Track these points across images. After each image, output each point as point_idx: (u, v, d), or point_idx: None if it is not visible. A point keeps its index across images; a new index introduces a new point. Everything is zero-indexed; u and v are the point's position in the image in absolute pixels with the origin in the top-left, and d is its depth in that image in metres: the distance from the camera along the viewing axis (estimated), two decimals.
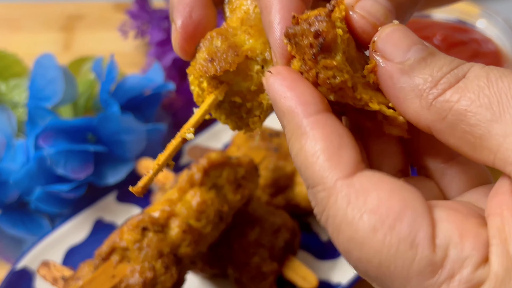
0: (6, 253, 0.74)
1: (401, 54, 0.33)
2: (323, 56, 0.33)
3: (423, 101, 0.32)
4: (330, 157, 0.31)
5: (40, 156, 0.70)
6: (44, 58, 0.77)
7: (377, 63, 0.33)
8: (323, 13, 0.33)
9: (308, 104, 0.33)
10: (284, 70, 0.35)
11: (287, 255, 0.66)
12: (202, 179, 0.59)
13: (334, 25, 0.32)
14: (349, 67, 0.34)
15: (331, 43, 0.32)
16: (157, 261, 0.55)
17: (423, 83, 0.32)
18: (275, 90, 0.34)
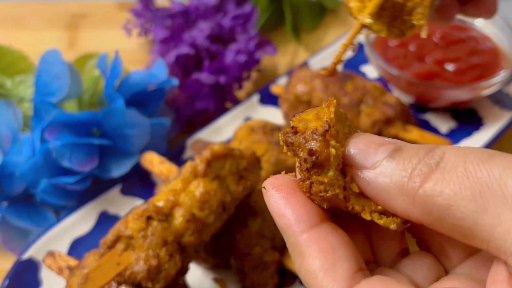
0: (12, 244, 0.75)
1: (370, 159, 0.34)
2: (316, 172, 0.34)
3: (406, 197, 0.32)
4: (326, 274, 0.33)
5: (45, 149, 0.72)
6: (49, 54, 0.79)
7: (353, 176, 0.35)
8: (320, 129, 0.34)
9: (302, 221, 0.34)
10: (279, 181, 0.36)
11: None
12: (205, 170, 0.61)
13: (328, 145, 0.34)
14: (342, 180, 0.35)
15: (323, 161, 0.34)
16: (161, 249, 0.56)
17: (399, 179, 0.32)
18: (271, 208, 0.35)
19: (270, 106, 0.90)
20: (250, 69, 0.93)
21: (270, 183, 0.36)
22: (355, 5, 0.45)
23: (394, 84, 0.85)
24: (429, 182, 0.31)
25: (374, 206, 0.35)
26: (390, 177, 0.33)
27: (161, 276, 0.56)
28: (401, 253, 0.39)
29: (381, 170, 0.33)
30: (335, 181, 0.35)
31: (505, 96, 0.90)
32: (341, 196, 0.35)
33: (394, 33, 0.45)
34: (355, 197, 0.36)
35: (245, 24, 0.98)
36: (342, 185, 0.35)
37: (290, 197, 0.35)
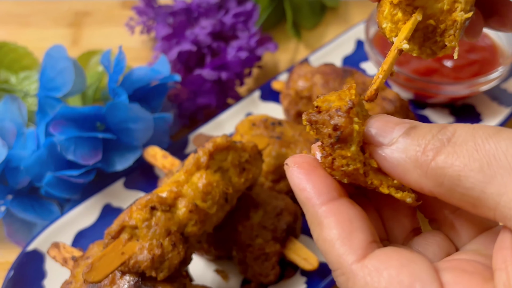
0: (17, 237, 0.76)
1: (387, 137, 0.37)
2: (339, 147, 0.37)
3: (419, 170, 0.34)
4: (343, 243, 0.35)
5: (50, 143, 0.73)
6: (54, 50, 0.80)
7: (371, 152, 0.37)
8: (344, 107, 0.37)
9: (321, 194, 0.37)
10: (300, 159, 0.39)
11: (289, 237, 0.68)
12: (208, 162, 0.62)
13: (351, 121, 0.37)
14: (362, 156, 0.38)
15: (347, 136, 0.37)
16: (164, 239, 0.57)
17: (414, 153, 0.35)
18: (293, 183, 0.38)
19: (271, 102, 0.91)
20: (251, 65, 0.94)
21: (292, 160, 0.38)
22: (388, 26, 0.46)
23: (393, 80, 0.86)
24: (441, 155, 0.33)
25: (391, 181, 0.38)
26: (405, 152, 0.35)
27: (165, 265, 0.57)
28: (413, 232, 0.41)
29: (397, 146, 0.36)
30: (356, 156, 0.37)
31: (503, 92, 0.91)
32: (361, 170, 0.37)
33: (426, 53, 0.46)
34: (373, 173, 0.38)
35: (246, 22, 0.99)
36: (362, 160, 0.37)
37: (311, 173, 0.38)
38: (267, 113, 0.82)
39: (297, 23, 1.10)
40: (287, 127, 0.77)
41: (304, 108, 0.84)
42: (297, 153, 0.74)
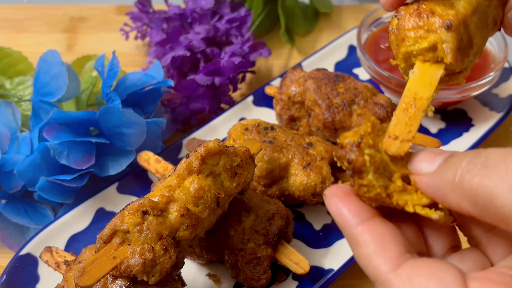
0: (10, 241, 0.76)
1: (429, 166, 0.42)
2: (357, 177, 0.42)
3: (457, 192, 0.38)
4: (378, 256, 0.40)
5: (44, 147, 0.73)
6: (48, 55, 0.80)
7: (416, 181, 0.42)
8: (355, 142, 0.42)
9: (355, 216, 0.42)
10: (336, 189, 0.44)
11: (281, 241, 0.68)
12: (199, 166, 0.62)
13: (362, 153, 0.42)
14: (382, 181, 0.42)
15: (360, 167, 0.42)
16: (156, 243, 0.58)
17: (452, 178, 0.39)
18: (331, 210, 0.43)
19: (264, 107, 0.92)
20: (244, 71, 0.95)
21: (329, 191, 0.44)
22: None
23: (385, 86, 0.87)
24: (475, 178, 0.37)
25: (417, 200, 0.42)
26: (444, 177, 0.40)
27: (156, 269, 0.58)
28: (452, 248, 0.45)
29: (438, 173, 0.40)
30: (375, 183, 0.42)
31: (494, 97, 0.92)
32: (384, 194, 0.42)
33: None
34: (398, 194, 0.42)
35: (240, 27, 1.00)
36: (383, 185, 0.42)
37: (345, 199, 0.43)
38: (260, 118, 0.83)
39: (290, 29, 1.11)
40: (280, 132, 0.78)
41: (296, 113, 0.84)
42: (289, 157, 0.74)
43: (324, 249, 0.73)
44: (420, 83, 0.51)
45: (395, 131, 0.48)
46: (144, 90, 0.83)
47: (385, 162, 0.43)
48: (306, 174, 0.72)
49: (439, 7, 0.51)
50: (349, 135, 0.43)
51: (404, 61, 0.54)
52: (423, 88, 0.50)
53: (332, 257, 0.72)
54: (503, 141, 0.91)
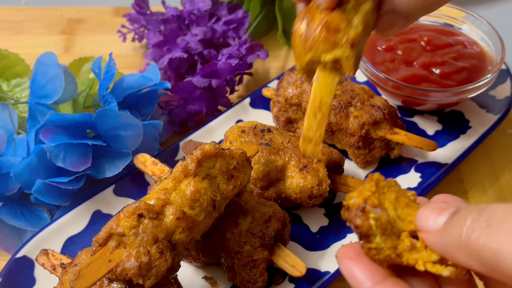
0: (6, 244, 0.76)
1: (434, 223, 0.41)
2: (364, 241, 0.43)
3: (464, 251, 0.38)
4: None
5: (40, 149, 0.73)
6: (45, 57, 0.80)
7: (423, 237, 0.42)
8: (361, 204, 0.43)
9: (369, 279, 0.42)
10: (347, 250, 0.44)
11: (278, 244, 0.68)
12: (196, 169, 0.62)
13: (368, 217, 0.42)
14: (391, 242, 0.42)
15: (367, 232, 0.42)
16: (152, 246, 0.58)
17: (457, 237, 0.39)
18: (344, 272, 0.44)
19: (261, 109, 0.92)
20: (242, 73, 0.95)
21: (340, 252, 0.44)
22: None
23: (382, 88, 0.87)
24: (480, 238, 0.37)
25: (427, 257, 0.42)
26: (450, 236, 0.39)
27: (152, 272, 0.58)
28: None
29: (443, 230, 0.40)
30: (383, 245, 0.42)
31: (491, 99, 0.92)
32: (393, 255, 0.42)
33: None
34: (408, 253, 0.43)
35: (237, 29, 1.00)
36: (392, 246, 0.42)
37: (357, 262, 0.43)
38: (257, 120, 0.83)
39: (287, 31, 1.11)
40: (276, 134, 0.78)
41: (293, 115, 0.84)
42: (286, 160, 0.74)
43: (321, 251, 0.73)
44: (323, 89, 0.59)
45: (309, 135, 0.58)
46: (141, 92, 0.83)
47: (392, 220, 0.43)
48: (303, 176, 0.72)
49: (343, 24, 0.57)
50: (354, 195, 0.43)
51: (306, 64, 0.59)
52: (326, 94, 0.58)
53: (329, 260, 0.72)
54: (500, 143, 0.91)
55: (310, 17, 0.58)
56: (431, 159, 0.83)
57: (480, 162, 0.88)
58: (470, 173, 0.87)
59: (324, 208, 0.79)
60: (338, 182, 0.76)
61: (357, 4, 0.58)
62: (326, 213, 0.78)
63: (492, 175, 0.86)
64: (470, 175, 0.87)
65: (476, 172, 0.87)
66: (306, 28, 0.58)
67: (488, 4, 1.21)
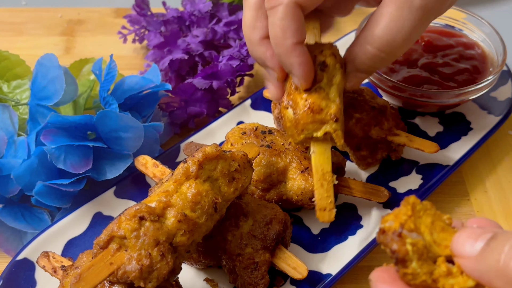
0: (7, 246, 0.76)
1: (471, 249, 0.41)
2: (400, 266, 0.42)
3: (502, 280, 0.38)
4: None
5: (40, 151, 0.73)
6: (45, 58, 0.80)
7: (460, 263, 0.42)
8: (396, 231, 0.42)
9: None
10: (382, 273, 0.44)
11: (279, 246, 0.68)
12: (197, 171, 0.62)
13: (404, 242, 0.42)
14: (427, 267, 0.42)
15: (404, 257, 0.42)
16: (153, 249, 0.58)
17: (495, 264, 0.38)
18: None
19: (262, 110, 0.92)
20: (242, 74, 0.94)
21: (375, 276, 0.44)
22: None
23: (383, 89, 0.87)
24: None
25: (463, 283, 0.42)
26: (488, 263, 0.39)
27: (153, 275, 0.57)
28: None
29: (480, 258, 0.40)
30: (419, 270, 0.42)
31: (492, 100, 0.92)
32: (429, 280, 0.42)
33: None
34: (444, 278, 0.42)
35: (238, 30, 1.00)
36: (428, 271, 0.42)
37: (392, 285, 0.43)
38: (258, 121, 0.83)
39: None
40: (278, 136, 0.78)
41: None
42: (287, 162, 0.74)
43: (322, 253, 0.73)
44: (321, 160, 0.66)
45: (322, 205, 0.63)
46: (142, 93, 0.83)
47: (428, 244, 0.43)
48: (304, 178, 0.72)
49: (323, 102, 0.65)
50: (390, 218, 0.43)
51: (300, 142, 0.67)
52: (325, 163, 0.65)
53: (330, 262, 0.72)
54: (501, 144, 0.91)
55: (293, 102, 0.66)
56: (433, 161, 0.83)
57: (481, 163, 0.88)
58: (471, 175, 0.87)
59: None
60: (339, 184, 0.75)
61: (329, 79, 0.65)
62: None
63: (493, 177, 0.86)
64: (471, 176, 0.86)
65: (478, 173, 0.87)
66: (293, 114, 0.66)
67: (489, 5, 1.20)
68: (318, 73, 0.65)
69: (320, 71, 0.65)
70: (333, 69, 0.65)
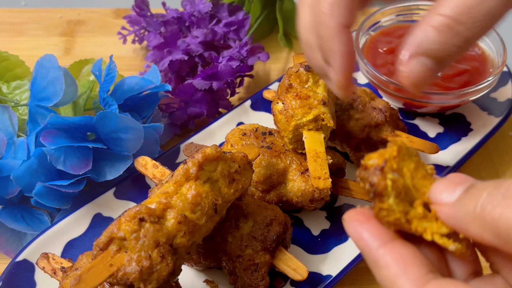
0: (7, 247, 0.76)
1: (449, 197, 0.41)
2: (378, 200, 0.42)
3: (478, 223, 0.38)
4: (400, 276, 0.40)
5: (40, 152, 0.73)
6: (45, 59, 0.80)
7: (437, 211, 0.42)
8: (379, 166, 0.42)
9: (376, 239, 0.42)
10: (355, 213, 0.44)
11: (279, 247, 0.68)
12: (197, 173, 0.62)
13: (385, 177, 0.42)
14: (403, 206, 0.42)
15: (381, 191, 0.42)
16: (153, 250, 0.57)
17: (472, 209, 0.38)
18: (351, 234, 0.43)
19: (262, 111, 0.92)
20: (242, 75, 0.94)
21: (348, 215, 0.44)
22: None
23: (383, 90, 0.87)
24: (496, 208, 0.37)
25: (436, 228, 0.42)
26: (465, 208, 0.39)
27: (153, 277, 0.57)
28: (474, 274, 0.45)
29: (458, 204, 0.40)
30: (395, 207, 0.42)
31: (492, 101, 0.92)
32: (403, 220, 0.42)
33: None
34: (418, 220, 0.42)
35: (238, 31, 1.00)
36: (403, 210, 0.42)
37: (365, 223, 0.43)
38: (258, 122, 0.83)
39: (288, 33, 1.11)
40: (278, 137, 0.77)
41: None
42: (287, 163, 0.74)
43: (322, 255, 0.73)
44: (313, 143, 0.69)
45: (316, 174, 0.67)
46: (142, 94, 0.83)
47: (407, 188, 0.43)
48: (304, 180, 0.72)
49: (310, 93, 0.71)
50: (374, 156, 0.43)
51: (292, 132, 0.71)
52: (317, 146, 0.69)
53: (331, 263, 0.72)
54: (502, 145, 0.91)
55: (283, 98, 0.72)
56: (433, 162, 0.83)
57: (481, 164, 0.88)
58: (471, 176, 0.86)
59: (326, 211, 0.78)
60: (339, 185, 0.75)
61: (315, 81, 0.72)
62: (327, 216, 0.78)
63: (493, 178, 0.86)
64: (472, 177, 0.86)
65: (478, 174, 0.87)
66: (283, 105, 0.71)
67: None
68: (304, 74, 0.70)
69: (306, 72, 0.70)
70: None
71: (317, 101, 0.70)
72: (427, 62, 0.48)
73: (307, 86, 0.73)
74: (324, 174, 0.66)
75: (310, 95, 0.71)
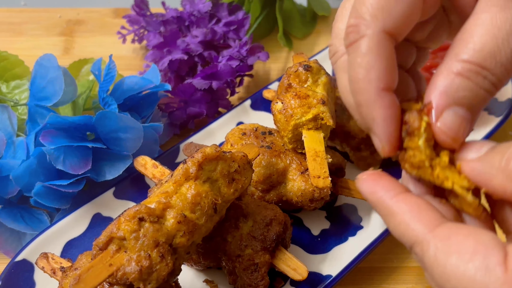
0: (6, 247, 0.76)
1: (476, 153, 0.43)
2: (408, 139, 0.44)
3: (502, 175, 0.40)
4: (414, 220, 0.41)
5: (39, 152, 0.73)
6: (44, 59, 0.80)
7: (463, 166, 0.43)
8: (418, 108, 0.44)
9: (389, 191, 0.44)
10: (368, 173, 0.46)
11: (279, 247, 0.68)
12: (197, 172, 0.62)
13: (420, 118, 0.43)
14: (430, 152, 0.44)
15: (414, 130, 0.43)
16: (153, 250, 0.57)
17: (498, 162, 0.40)
18: (364, 190, 0.45)
19: (262, 111, 0.92)
20: (242, 74, 0.94)
21: (361, 175, 0.46)
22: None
23: None
24: None
25: (459, 180, 0.43)
26: (491, 162, 0.41)
27: (153, 277, 0.57)
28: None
29: (484, 158, 0.42)
30: (422, 148, 0.43)
31: (493, 101, 0.92)
32: (427, 163, 0.44)
33: None
34: (441, 168, 0.44)
35: (237, 31, 1.00)
36: (429, 156, 0.44)
37: (378, 180, 0.45)
38: (258, 122, 0.83)
39: (288, 32, 1.11)
40: (278, 136, 0.77)
41: None
42: (287, 163, 0.74)
43: (322, 254, 0.73)
44: (312, 142, 0.70)
45: (315, 173, 0.67)
46: (141, 94, 0.83)
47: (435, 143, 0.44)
48: (304, 179, 0.72)
49: (309, 92, 0.71)
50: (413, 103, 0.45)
51: (292, 132, 0.71)
52: (317, 145, 0.69)
53: (331, 263, 0.72)
54: None
55: (282, 97, 0.72)
56: None
57: None
58: None
59: (326, 211, 0.78)
60: (339, 185, 0.75)
61: (314, 80, 0.73)
62: (327, 216, 0.78)
63: None
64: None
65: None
66: (282, 104, 0.72)
67: None
68: (304, 73, 0.71)
69: (305, 71, 0.71)
70: (317, 71, 0.70)
71: (316, 100, 0.70)
72: (461, 112, 0.43)
73: (306, 86, 0.73)
74: (323, 173, 0.67)
75: (309, 94, 0.71)
